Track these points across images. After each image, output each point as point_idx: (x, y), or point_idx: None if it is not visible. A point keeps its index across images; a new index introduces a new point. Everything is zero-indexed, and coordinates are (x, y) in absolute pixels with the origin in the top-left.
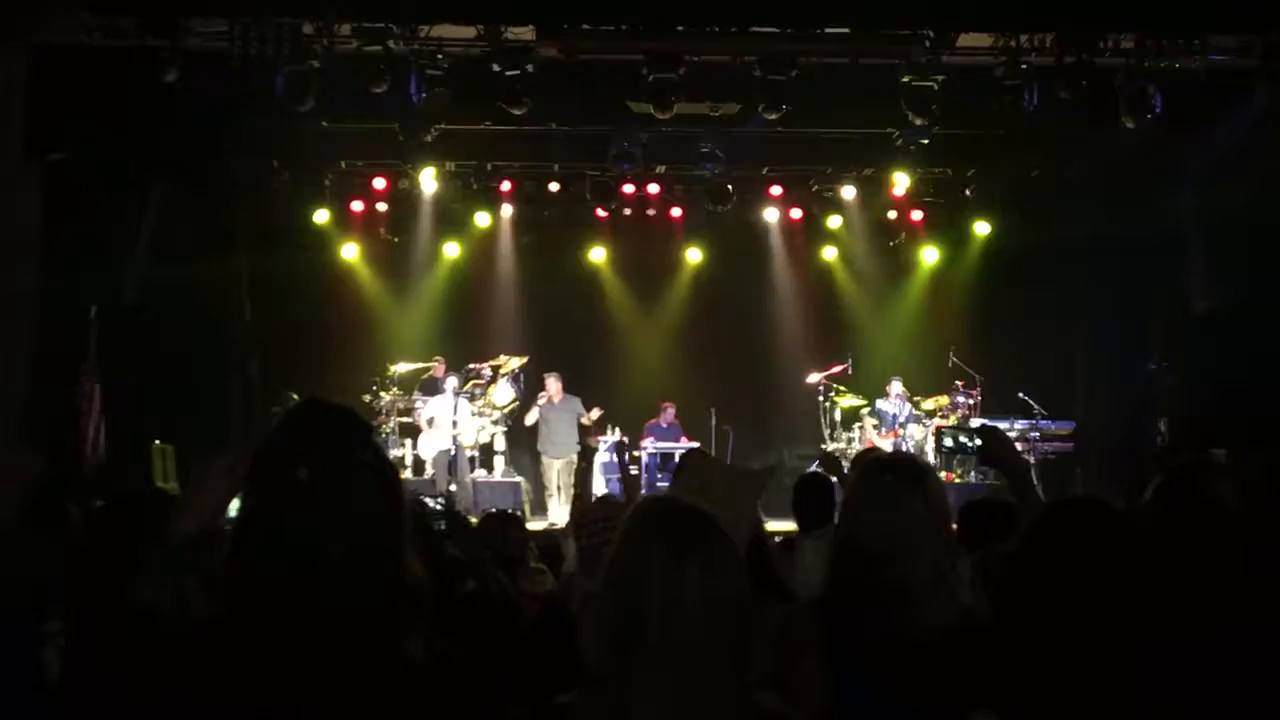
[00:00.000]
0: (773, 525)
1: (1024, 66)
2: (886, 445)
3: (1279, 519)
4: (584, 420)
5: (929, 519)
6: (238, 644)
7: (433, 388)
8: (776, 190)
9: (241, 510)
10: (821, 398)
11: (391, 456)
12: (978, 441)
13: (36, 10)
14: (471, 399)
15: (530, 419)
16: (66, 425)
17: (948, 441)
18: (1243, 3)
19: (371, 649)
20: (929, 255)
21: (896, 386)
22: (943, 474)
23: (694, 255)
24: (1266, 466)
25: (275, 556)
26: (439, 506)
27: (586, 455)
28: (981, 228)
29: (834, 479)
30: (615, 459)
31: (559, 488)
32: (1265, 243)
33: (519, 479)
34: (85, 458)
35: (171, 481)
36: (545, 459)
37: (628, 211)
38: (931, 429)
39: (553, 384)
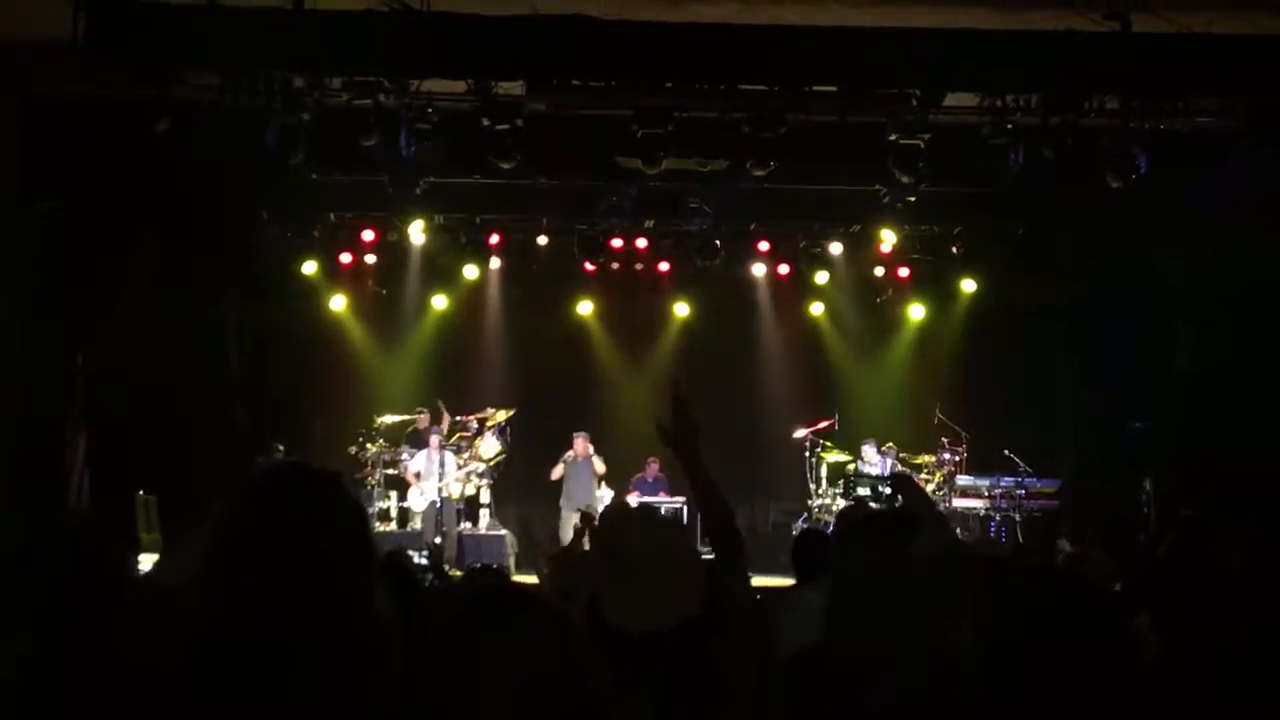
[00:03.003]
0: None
1: (1009, 126)
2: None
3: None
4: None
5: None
6: (201, 696)
7: (419, 440)
8: (764, 246)
9: (208, 561)
10: (807, 453)
11: (377, 509)
12: (887, 490)
13: (29, 59)
14: (458, 451)
15: (556, 474)
16: (51, 474)
17: (862, 490)
18: (1225, 66)
19: (337, 700)
20: (915, 312)
21: (869, 450)
22: None
23: (682, 310)
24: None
25: (241, 608)
26: (425, 561)
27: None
28: (968, 285)
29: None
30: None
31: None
32: (1248, 303)
33: (504, 532)
34: (69, 506)
35: (154, 532)
36: (565, 513)
37: (616, 265)
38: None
39: (580, 444)
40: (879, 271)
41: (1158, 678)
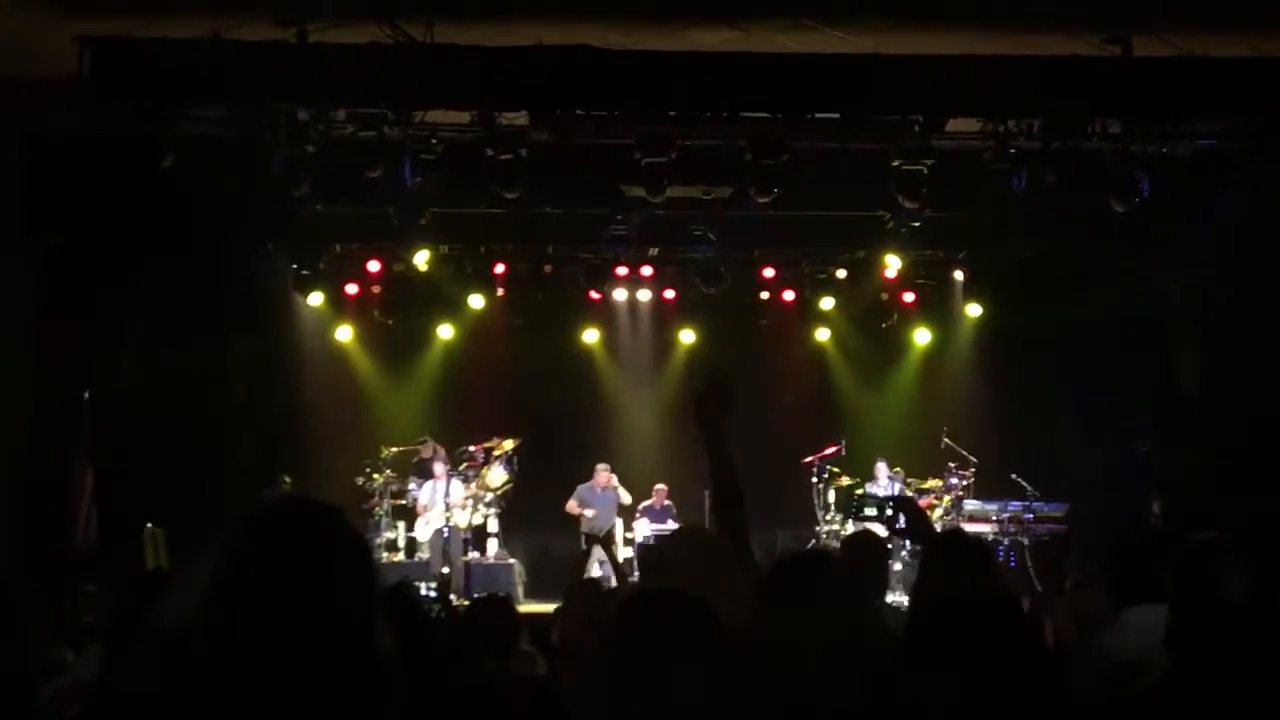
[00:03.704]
0: None
1: (1012, 151)
2: (879, 528)
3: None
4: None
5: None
6: None
7: (426, 470)
8: (769, 272)
9: (211, 596)
10: (815, 479)
11: (384, 539)
12: (888, 512)
13: (33, 95)
14: (465, 481)
15: (572, 507)
16: (58, 509)
17: (869, 510)
18: (1226, 88)
19: None
20: (921, 336)
21: (882, 469)
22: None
23: (687, 337)
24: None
25: (244, 643)
26: (432, 593)
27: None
28: (973, 309)
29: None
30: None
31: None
32: (1253, 324)
33: (512, 561)
34: (77, 542)
35: (163, 565)
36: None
37: (621, 293)
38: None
39: (602, 476)
40: (884, 297)
41: (1166, 699)
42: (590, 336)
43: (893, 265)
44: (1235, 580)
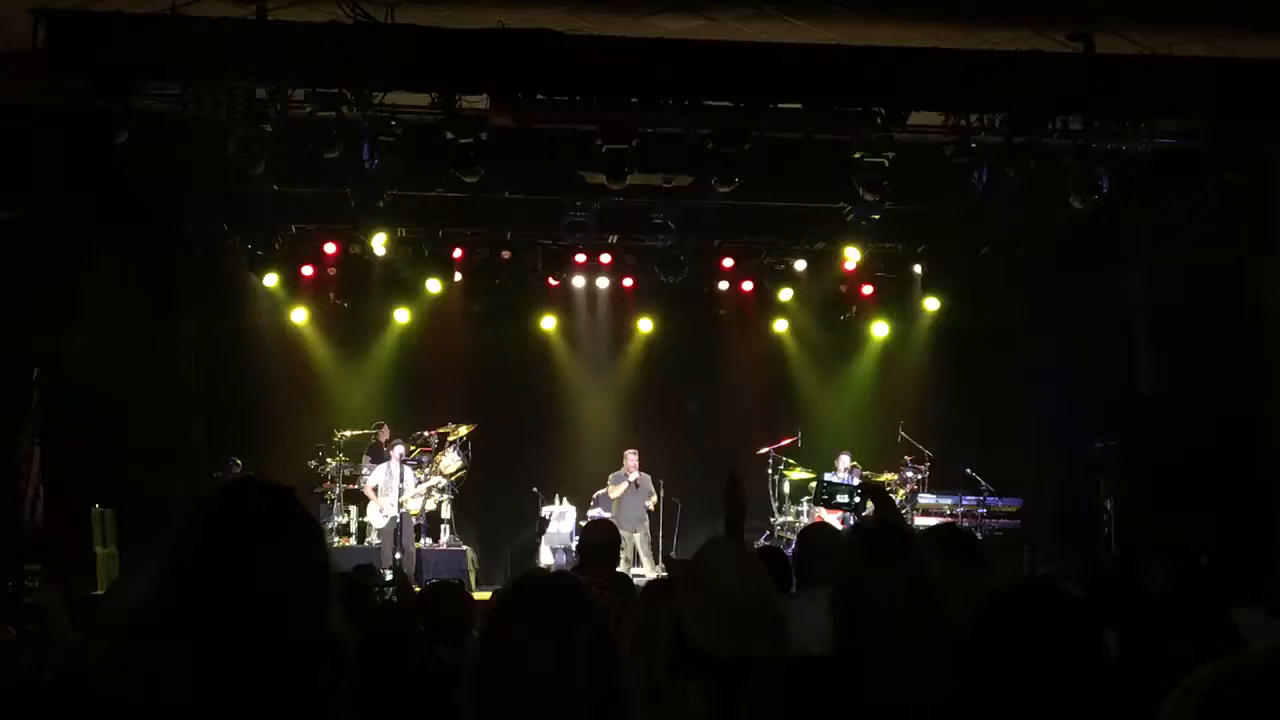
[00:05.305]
0: None
1: (973, 146)
2: (833, 519)
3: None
4: (650, 504)
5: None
6: (153, 711)
7: (380, 454)
8: (728, 262)
9: (161, 581)
10: (770, 470)
11: (335, 523)
12: (857, 499)
13: None
14: (418, 466)
15: (615, 493)
16: (5, 488)
17: (841, 498)
18: (1187, 87)
19: (289, 712)
20: (879, 329)
21: (844, 460)
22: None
23: (645, 325)
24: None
25: (195, 625)
26: (387, 576)
27: (541, 529)
28: (931, 303)
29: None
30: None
31: (636, 556)
32: (1210, 322)
33: (465, 547)
34: (23, 521)
35: (111, 546)
36: (622, 532)
37: (579, 280)
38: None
39: (631, 460)
40: (843, 289)
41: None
42: (548, 323)
43: (852, 257)
44: (1159, 577)
